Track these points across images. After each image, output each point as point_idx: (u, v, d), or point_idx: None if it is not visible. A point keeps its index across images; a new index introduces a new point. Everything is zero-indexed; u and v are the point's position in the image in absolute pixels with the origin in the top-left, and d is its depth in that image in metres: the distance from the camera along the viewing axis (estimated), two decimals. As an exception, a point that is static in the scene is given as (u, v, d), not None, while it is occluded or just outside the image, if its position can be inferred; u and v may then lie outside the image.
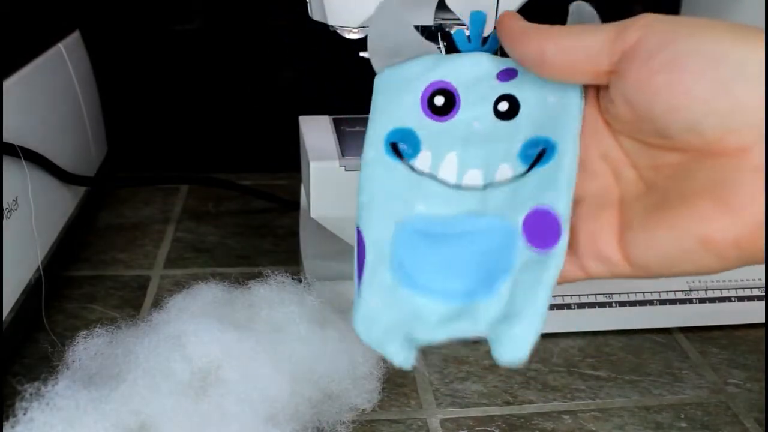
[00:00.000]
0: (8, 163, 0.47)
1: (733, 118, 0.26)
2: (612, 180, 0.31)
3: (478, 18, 0.34)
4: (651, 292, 0.53)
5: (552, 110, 0.33)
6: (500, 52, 0.35)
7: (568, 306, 0.52)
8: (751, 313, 0.54)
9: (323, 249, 0.56)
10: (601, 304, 0.53)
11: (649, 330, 0.54)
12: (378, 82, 0.35)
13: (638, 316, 0.53)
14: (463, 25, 0.45)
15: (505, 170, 0.33)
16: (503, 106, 0.34)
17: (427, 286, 0.32)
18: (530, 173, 0.33)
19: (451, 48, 0.36)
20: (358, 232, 0.33)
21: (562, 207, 0.31)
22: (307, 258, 0.56)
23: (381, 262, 0.32)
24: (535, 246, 0.31)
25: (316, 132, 0.54)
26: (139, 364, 0.38)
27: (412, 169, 0.34)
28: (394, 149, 0.34)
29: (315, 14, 0.47)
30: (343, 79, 0.74)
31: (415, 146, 0.34)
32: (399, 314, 0.31)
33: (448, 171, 0.34)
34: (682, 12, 0.65)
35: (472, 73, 0.34)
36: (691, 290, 0.54)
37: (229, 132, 0.80)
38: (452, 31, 0.35)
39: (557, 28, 0.31)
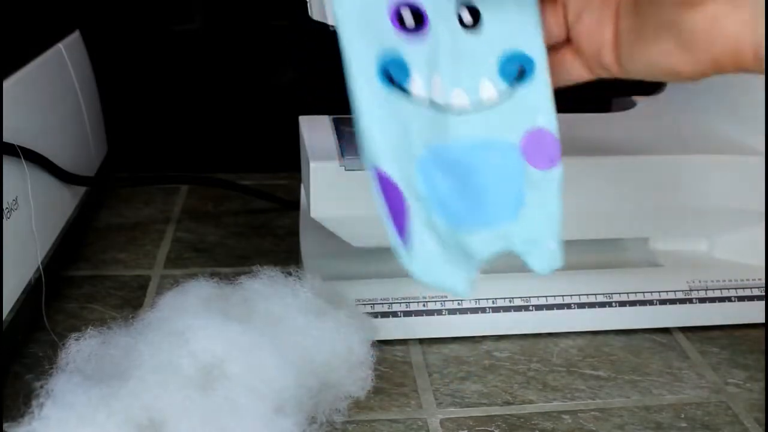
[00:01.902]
0: (8, 163, 0.47)
1: None
2: None
3: None
4: (651, 292, 0.53)
5: (515, 17, 0.35)
6: None
7: (568, 306, 0.52)
8: (751, 313, 0.54)
9: (323, 249, 0.56)
10: (601, 304, 0.53)
11: (649, 330, 0.54)
12: (337, 6, 0.33)
13: (638, 316, 0.53)
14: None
15: (487, 87, 0.35)
16: (466, 17, 0.35)
17: (465, 220, 0.33)
18: (516, 93, 0.35)
19: None
20: (381, 175, 0.32)
21: (554, 126, 0.35)
22: (307, 258, 0.56)
23: (423, 203, 0.32)
24: (538, 167, 0.34)
25: (316, 132, 0.54)
26: (146, 361, 0.38)
27: (410, 96, 0.33)
28: (388, 78, 0.33)
29: (315, 14, 0.47)
30: (343, 79, 0.74)
31: (406, 71, 0.33)
32: (451, 250, 0.33)
33: (437, 93, 0.34)
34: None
35: None
36: (691, 290, 0.54)
37: (229, 132, 0.80)
38: None
39: None
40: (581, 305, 0.52)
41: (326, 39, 0.50)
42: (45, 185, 0.53)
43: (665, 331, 0.54)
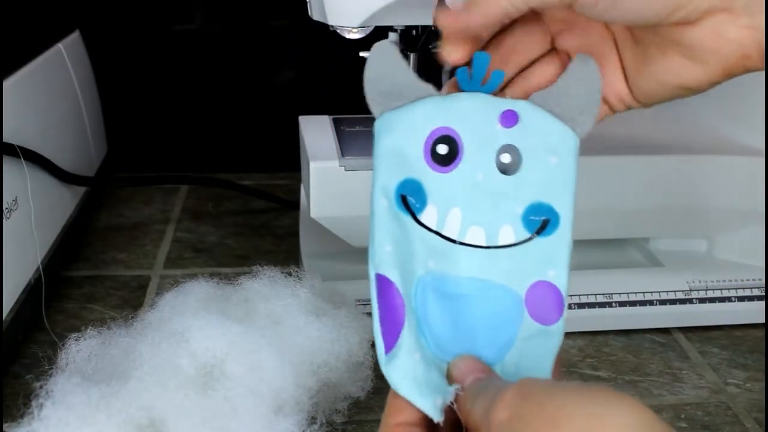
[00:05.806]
0: (8, 163, 0.47)
1: (679, 4, 0.32)
2: (603, 28, 0.36)
3: (481, 60, 0.34)
4: (651, 292, 0.53)
5: (553, 173, 0.34)
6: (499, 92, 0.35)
7: (568, 306, 0.52)
8: (751, 313, 0.54)
9: (323, 249, 0.56)
10: (601, 304, 0.53)
11: (649, 330, 0.54)
12: (378, 127, 0.34)
13: (638, 316, 0.53)
14: None
15: (508, 233, 0.34)
16: (506, 158, 0.34)
17: (447, 348, 0.33)
18: (533, 242, 0.34)
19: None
20: (383, 279, 0.33)
21: (563, 283, 0.34)
22: (307, 258, 0.56)
23: (414, 318, 0.33)
24: (539, 321, 0.34)
25: (316, 132, 0.54)
26: (146, 361, 0.38)
27: (420, 224, 0.34)
28: (404, 202, 0.34)
29: (315, 14, 0.47)
30: (343, 79, 0.74)
31: (422, 200, 0.34)
32: (430, 370, 0.33)
33: (452, 227, 0.34)
34: None
35: (474, 116, 0.34)
36: (691, 290, 0.54)
37: (229, 132, 0.80)
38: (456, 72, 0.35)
39: None
40: (581, 305, 0.52)
41: (326, 39, 0.50)
42: (45, 185, 0.53)
43: (665, 331, 0.54)
